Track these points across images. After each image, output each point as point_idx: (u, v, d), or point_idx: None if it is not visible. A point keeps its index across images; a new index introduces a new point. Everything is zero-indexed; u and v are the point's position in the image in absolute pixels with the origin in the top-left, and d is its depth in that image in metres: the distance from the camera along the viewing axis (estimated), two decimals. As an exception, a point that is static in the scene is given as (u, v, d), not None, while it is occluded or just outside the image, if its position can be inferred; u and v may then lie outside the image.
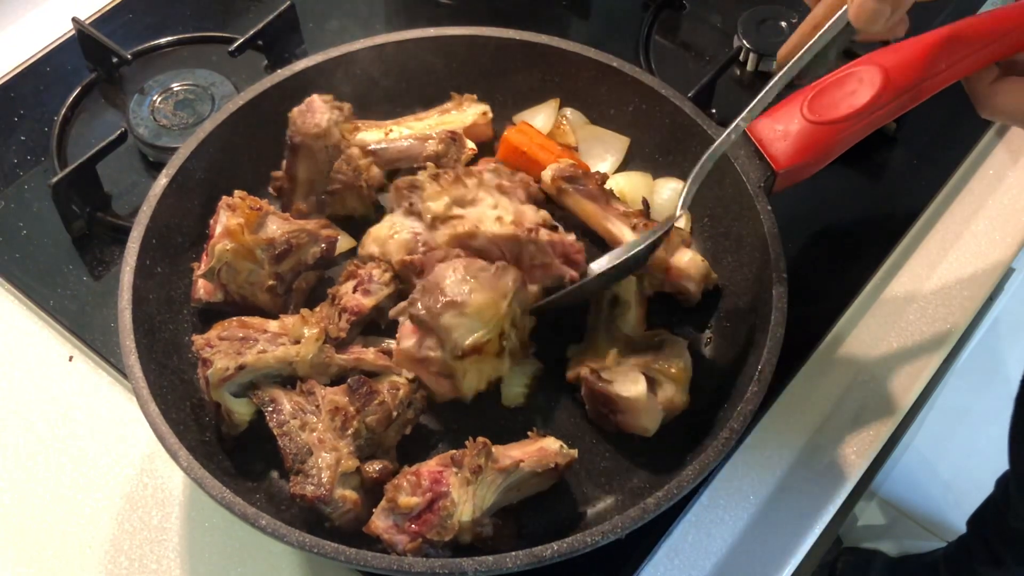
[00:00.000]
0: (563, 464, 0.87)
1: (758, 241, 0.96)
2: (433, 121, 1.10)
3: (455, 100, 1.12)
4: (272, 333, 0.92)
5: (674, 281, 0.99)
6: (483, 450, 0.84)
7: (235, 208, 0.96)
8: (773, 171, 0.96)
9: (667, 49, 1.30)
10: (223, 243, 0.94)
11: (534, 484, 0.88)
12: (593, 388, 0.91)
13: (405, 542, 0.82)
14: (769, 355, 0.88)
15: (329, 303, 0.96)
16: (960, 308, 1.10)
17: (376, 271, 0.96)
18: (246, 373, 0.89)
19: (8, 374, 1.03)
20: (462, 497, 0.82)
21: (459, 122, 1.10)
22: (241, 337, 0.91)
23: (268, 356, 0.89)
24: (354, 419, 0.87)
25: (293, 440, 0.86)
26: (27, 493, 0.96)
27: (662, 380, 0.90)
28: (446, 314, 0.88)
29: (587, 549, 0.79)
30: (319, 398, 0.88)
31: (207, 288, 0.97)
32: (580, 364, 0.92)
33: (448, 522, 0.81)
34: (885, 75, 0.94)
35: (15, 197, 1.14)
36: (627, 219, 1.02)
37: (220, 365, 0.88)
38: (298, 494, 0.84)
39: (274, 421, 0.87)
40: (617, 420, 0.92)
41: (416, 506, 0.82)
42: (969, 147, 1.21)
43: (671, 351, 0.90)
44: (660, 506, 0.80)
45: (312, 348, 0.91)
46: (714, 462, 0.83)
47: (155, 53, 1.28)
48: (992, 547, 1.65)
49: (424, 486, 0.83)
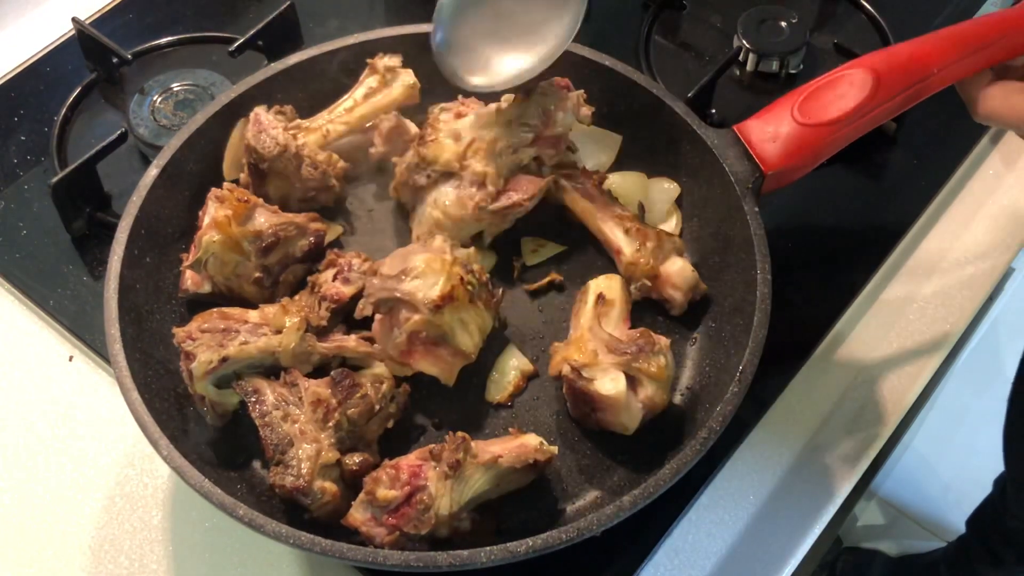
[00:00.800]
0: (542, 460, 0.87)
1: (745, 242, 0.96)
2: (365, 108, 1.08)
3: (374, 71, 1.09)
4: (253, 323, 0.92)
5: (661, 288, 1.00)
6: (462, 444, 0.84)
7: (223, 200, 0.96)
8: (762, 172, 0.96)
9: (667, 49, 1.30)
10: (210, 234, 0.94)
11: (513, 480, 0.88)
12: (574, 385, 0.91)
13: (383, 535, 0.82)
14: (751, 356, 0.88)
15: (309, 291, 0.96)
16: (960, 308, 1.10)
17: (356, 260, 0.97)
18: (229, 365, 0.89)
19: (8, 374, 1.04)
20: (440, 491, 0.83)
21: (389, 100, 1.08)
22: (222, 329, 0.91)
23: (250, 347, 0.89)
24: (336, 411, 0.87)
25: (274, 431, 0.86)
26: (27, 493, 0.96)
27: (643, 379, 0.90)
28: (402, 282, 0.90)
29: (561, 546, 0.79)
30: (302, 390, 0.89)
31: (194, 279, 0.97)
32: (563, 360, 0.93)
33: (425, 515, 0.82)
34: (876, 78, 0.94)
35: (15, 197, 1.14)
36: (621, 222, 1.01)
37: (203, 358, 0.88)
38: (277, 484, 0.84)
39: (256, 411, 0.87)
40: (597, 418, 0.92)
41: (394, 499, 0.82)
42: (969, 147, 1.21)
43: (653, 350, 0.91)
44: (636, 504, 0.81)
45: (294, 338, 0.91)
46: (692, 461, 0.83)
47: (155, 53, 1.28)
48: (991, 547, 1.65)
49: (403, 479, 0.83)
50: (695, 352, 1.00)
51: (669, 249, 1.00)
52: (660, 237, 1.00)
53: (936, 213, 1.17)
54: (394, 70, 1.09)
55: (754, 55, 1.25)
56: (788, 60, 1.24)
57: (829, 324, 1.07)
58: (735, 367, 0.88)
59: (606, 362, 0.90)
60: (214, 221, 0.95)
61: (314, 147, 1.03)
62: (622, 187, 1.08)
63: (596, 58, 1.08)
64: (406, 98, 1.09)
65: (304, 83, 1.08)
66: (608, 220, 1.02)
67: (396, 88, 1.09)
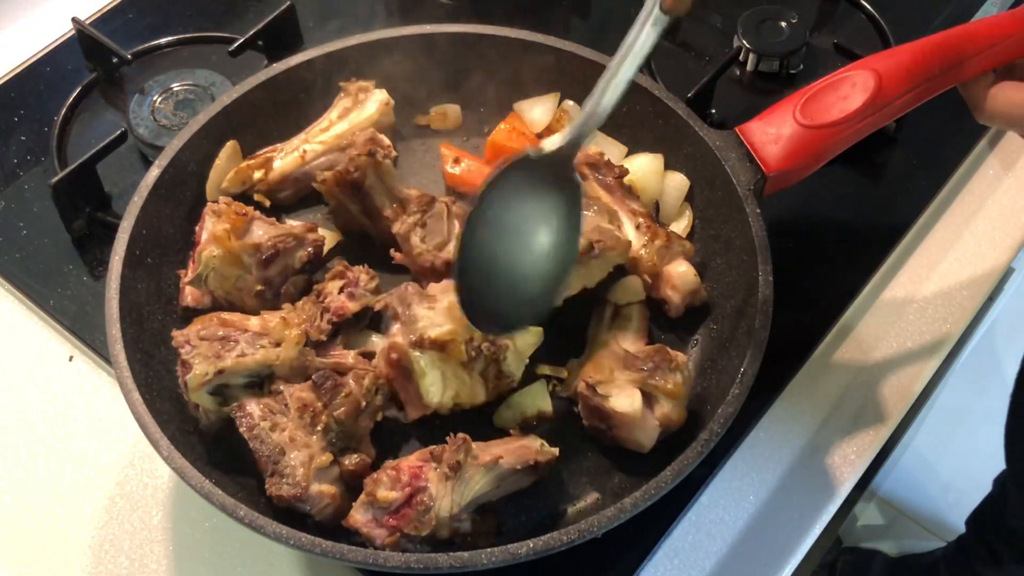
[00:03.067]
0: (543, 462, 0.87)
1: (747, 244, 0.96)
2: (342, 127, 1.09)
3: (347, 93, 1.10)
4: (253, 333, 0.91)
5: (660, 287, 1.00)
6: (462, 446, 0.84)
7: (221, 214, 0.96)
8: (764, 174, 0.96)
9: (667, 49, 1.30)
10: (210, 249, 0.94)
11: (514, 481, 0.88)
12: (589, 402, 0.91)
13: (383, 536, 0.82)
14: (752, 358, 0.88)
15: (314, 298, 0.96)
16: (960, 308, 1.10)
17: (364, 276, 0.97)
18: (225, 377, 0.89)
19: (8, 374, 1.03)
20: (440, 492, 0.83)
21: (364, 119, 1.09)
22: (221, 336, 0.90)
23: (248, 360, 0.89)
24: (323, 414, 0.87)
25: (264, 443, 0.86)
26: (27, 493, 0.96)
27: (659, 396, 0.89)
28: (417, 304, 0.90)
29: (562, 547, 0.79)
30: (287, 397, 0.88)
31: (194, 295, 0.97)
32: (578, 377, 0.92)
33: (426, 516, 0.82)
34: (879, 80, 0.94)
35: (15, 197, 1.14)
36: (634, 216, 1.02)
37: (199, 371, 0.87)
38: (275, 495, 0.84)
39: (244, 426, 0.87)
40: (613, 435, 0.92)
41: (395, 500, 0.82)
42: (969, 148, 1.21)
43: (669, 367, 0.90)
44: (637, 506, 0.81)
45: (292, 352, 0.90)
46: (693, 463, 0.83)
47: (155, 53, 1.28)
48: (991, 547, 1.65)
49: (403, 481, 0.83)
50: (696, 354, 1.00)
51: (677, 251, 1.00)
52: (670, 238, 1.00)
53: (936, 213, 1.17)
54: (367, 89, 1.10)
55: (754, 55, 1.25)
56: (788, 60, 1.24)
57: (829, 324, 1.07)
58: (736, 369, 0.88)
59: (622, 379, 0.90)
60: (213, 235, 0.95)
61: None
62: (639, 174, 1.07)
63: (596, 58, 1.08)
64: (381, 115, 1.10)
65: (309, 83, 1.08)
66: (621, 213, 1.02)
67: (370, 106, 1.10)
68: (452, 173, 1.11)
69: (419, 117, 1.16)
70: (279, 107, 1.09)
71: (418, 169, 1.14)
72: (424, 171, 1.13)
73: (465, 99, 1.16)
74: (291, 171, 1.06)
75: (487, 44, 1.11)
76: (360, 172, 0.99)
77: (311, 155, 1.07)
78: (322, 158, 1.07)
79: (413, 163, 1.14)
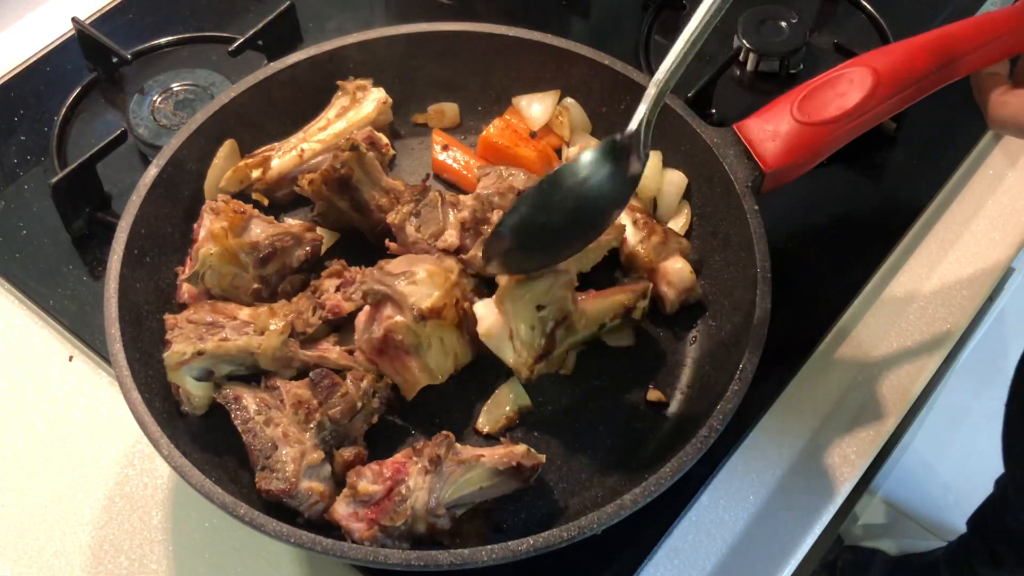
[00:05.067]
0: (528, 466, 0.86)
1: (745, 241, 0.96)
2: (340, 126, 1.09)
3: (345, 92, 1.11)
4: (240, 321, 0.92)
5: (656, 283, 1.00)
6: (444, 441, 0.85)
7: (219, 212, 0.96)
8: (761, 171, 0.96)
9: (667, 49, 1.29)
10: (207, 247, 0.94)
11: (499, 485, 0.87)
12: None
13: (362, 530, 0.83)
14: (751, 354, 0.88)
15: (309, 293, 0.96)
16: (960, 308, 1.10)
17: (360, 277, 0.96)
18: (205, 359, 0.89)
19: (8, 374, 1.03)
20: (418, 484, 0.83)
21: (362, 117, 1.09)
22: (209, 322, 0.91)
23: (229, 344, 0.89)
24: (317, 412, 0.87)
25: (258, 436, 0.86)
26: (27, 493, 0.96)
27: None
28: (400, 281, 0.90)
29: (562, 544, 0.79)
30: (283, 392, 0.89)
31: (191, 292, 0.97)
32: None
33: (400, 507, 0.82)
34: (876, 77, 0.94)
35: (15, 197, 1.14)
36: (631, 212, 1.02)
37: (177, 349, 0.88)
38: (264, 489, 0.84)
39: (238, 419, 0.87)
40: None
41: (375, 493, 0.83)
42: (969, 147, 1.21)
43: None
44: (637, 503, 0.81)
45: (275, 341, 0.91)
46: (692, 460, 0.83)
47: (155, 53, 1.28)
48: (992, 547, 1.65)
49: (386, 475, 0.84)
50: (695, 351, 1.00)
51: (674, 248, 1.00)
52: (668, 236, 1.00)
53: (936, 213, 1.17)
54: (365, 87, 1.10)
55: (754, 55, 1.25)
56: (788, 60, 1.24)
57: (829, 323, 1.07)
58: (735, 365, 0.88)
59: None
60: (210, 233, 0.95)
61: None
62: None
63: (596, 57, 1.08)
64: (378, 113, 1.10)
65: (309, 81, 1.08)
66: None
67: (368, 104, 1.10)
68: (439, 159, 1.11)
69: (417, 115, 1.16)
70: (277, 106, 1.09)
71: (416, 167, 1.14)
72: (422, 169, 1.13)
73: (463, 98, 1.16)
74: (289, 170, 1.06)
75: (485, 42, 1.11)
76: (347, 167, 1.00)
77: (309, 154, 1.07)
78: (320, 157, 1.07)
79: (411, 162, 1.14)
